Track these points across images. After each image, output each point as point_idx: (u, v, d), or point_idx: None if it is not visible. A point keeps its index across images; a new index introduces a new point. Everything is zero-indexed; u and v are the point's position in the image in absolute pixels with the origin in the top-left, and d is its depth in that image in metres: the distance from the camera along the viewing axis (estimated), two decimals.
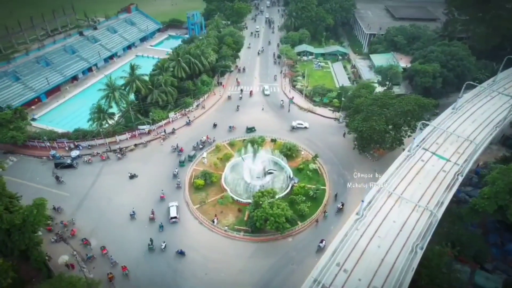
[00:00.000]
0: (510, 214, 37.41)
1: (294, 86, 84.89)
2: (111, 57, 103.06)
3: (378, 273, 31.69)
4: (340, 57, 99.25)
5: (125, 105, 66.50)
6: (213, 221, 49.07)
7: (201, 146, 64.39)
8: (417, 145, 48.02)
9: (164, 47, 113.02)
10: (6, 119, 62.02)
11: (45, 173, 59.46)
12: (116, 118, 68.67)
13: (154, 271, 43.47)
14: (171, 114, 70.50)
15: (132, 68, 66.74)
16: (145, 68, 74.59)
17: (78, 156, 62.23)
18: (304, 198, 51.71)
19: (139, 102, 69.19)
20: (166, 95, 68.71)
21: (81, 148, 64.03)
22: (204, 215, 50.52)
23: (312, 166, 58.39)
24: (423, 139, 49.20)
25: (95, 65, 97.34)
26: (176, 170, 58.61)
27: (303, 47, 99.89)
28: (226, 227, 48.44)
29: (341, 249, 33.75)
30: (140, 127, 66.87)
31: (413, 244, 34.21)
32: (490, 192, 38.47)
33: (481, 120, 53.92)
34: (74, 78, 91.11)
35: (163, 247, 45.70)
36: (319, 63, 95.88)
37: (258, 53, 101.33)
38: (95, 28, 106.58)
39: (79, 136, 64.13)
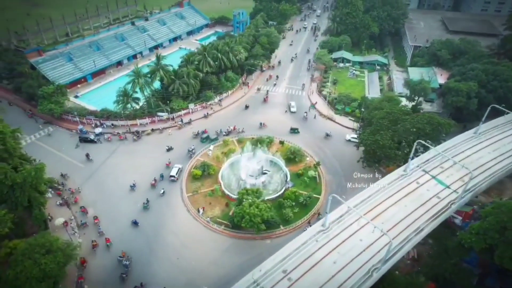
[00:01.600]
0: (498, 256, 33.15)
1: (320, 92, 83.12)
2: (156, 47, 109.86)
3: None
4: (378, 67, 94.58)
5: (148, 92, 70.96)
6: (198, 211, 50.65)
7: (224, 133, 67.47)
8: (417, 166, 44.61)
9: (208, 42, 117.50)
10: (48, 93, 70.03)
11: (70, 144, 66.11)
12: (140, 103, 73.48)
13: (133, 247, 46.29)
14: (191, 105, 73.60)
15: (158, 58, 71.06)
16: None
17: (101, 133, 68.08)
18: (293, 203, 50.92)
19: (163, 90, 73.27)
20: (188, 87, 71.90)
21: (105, 126, 69.95)
22: (193, 204, 52.36)
23: (311, 173, 57.08)
24: (427, 160, 45.43)
25: (140, 53, 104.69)
26: (193, 146, 63.29)
27: (341, 53, 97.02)
28: (209, 218, 49.70)
29: (293, 257, 32.97)
30: (159, 114, 70.93)
31: (372, 266, 32.17)
32: (479, 228, 34.47)
33: (504, 150, 48.08)
34: (119, 63, 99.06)
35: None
36: (354, 72, 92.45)
37: (292, 59, 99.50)
38: (147, 19, 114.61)
39: (104, 115, 70.02)
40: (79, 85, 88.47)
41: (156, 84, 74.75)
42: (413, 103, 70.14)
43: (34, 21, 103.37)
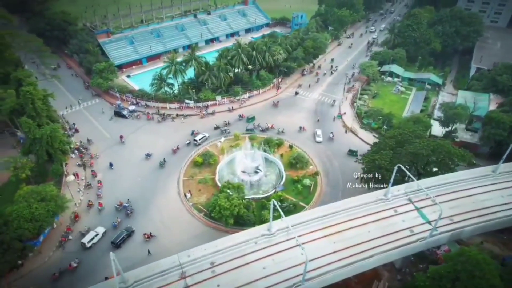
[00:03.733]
0: None
1: (353, 103, 79.36)
2: (212, 40, 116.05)
3: None
4: (428, 86, 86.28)
5: (181, 79, 76.06)
6: (185, 195, 53.35)
7: (261, 129, 69.02)
8: (405, 193, 40.77)
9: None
10: (99, 69, 79.80)
11: (107, 116, 74.50)
12: (175, 89, 79.07)
13: (119, 214, 51.04)
14: (218, 97, 76.79)
15: (193, 49, 75.57)
16: None
17: (134, 111, 75.31)
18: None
19: (194, 80, 77.77)
20: (217, 79, 75.07)
21: (139, 105, 77.13)
22: (185, 188, 55.32)
23: (306, 181, 55.57)
24: (418, 190, 41.08)
25: (196, 43, 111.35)
26: (227, 120, 70.86)
27: (390, 66, 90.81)
28: (191, 203, 52.05)
29: (226, 252, 33.39)
30: (186, 101, 75.56)
31: (294, 284, 30.89)
32: (435, 273, 30.48)
33: None
34: (174, 50, 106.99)
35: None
36: (399, 87, 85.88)
37: (332, 72, 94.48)
38: (209, 13, 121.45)
39: (140, 95, 77.18)
40: (134, 66, 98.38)
41: (191, 74, 79.54)
42: (447, 129, 62.94)
43: (116, 8, 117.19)
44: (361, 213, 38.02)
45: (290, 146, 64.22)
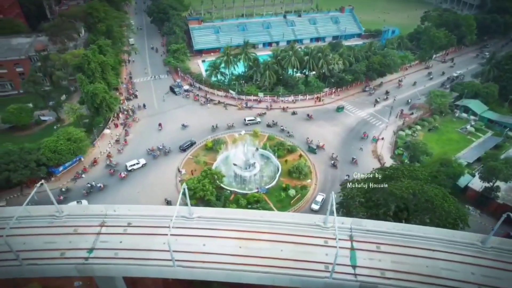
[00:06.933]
0: None
1: (398, 131, 71.32)
2: (295, 41, 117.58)
3: None
4: (511, 133, 70.41)
5: (233, 70, 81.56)
6: (179, 170, 58.68)
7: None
8: (349, 228, 36.89)
9: None
10: (173, 49, 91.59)
11: (165, 90, 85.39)
12: (226, 78, 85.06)
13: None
14: (260, 94, 79.41)
15: (246, 44, 79.38)
16: None
17: (187, 90, 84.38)
18: (248, 205, 51.28)
19: (244, 73, 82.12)
20: (262, 76, 77.67)
21: (193, 86, 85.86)
22: (184, 165, 60.74)
23: (291, 192, 54.21)
24: (367, 230, 36.48)
25: (276, 42, 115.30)
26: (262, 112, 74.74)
27: (468, 101, 77.19)
28: (180, 180, 57.02)
29: (144, 218, 36.91)
30: (231, 91, 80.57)
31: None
32: None
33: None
34: (253, 46, 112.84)
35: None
36: (468, 127, 72.67)
37: (392, 98, 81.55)
38: (299, 16, 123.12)
39: (196, 77, 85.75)
40: (212, 53, 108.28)
41: (243, 67, 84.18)
42: (487, 184, 51.54)
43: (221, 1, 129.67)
44: (285, 230, 36.22)
45: (300, 155, 62.83)
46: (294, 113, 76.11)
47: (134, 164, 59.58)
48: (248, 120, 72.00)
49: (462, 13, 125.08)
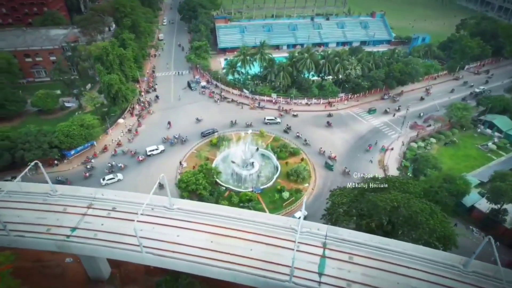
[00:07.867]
0: None
1: (410, 142, 68.45)
2: (320, 45, 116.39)
3: None
4: None
5: (247, 69, 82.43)
6: (180, 163, 60.52)
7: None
8: (325, 236, 36.41)
9: None
10: (195, 47, 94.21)
11: (183, 85, 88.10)
12: (242, 77, 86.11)
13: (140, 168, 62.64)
14: (273, 95, 79.61)
15: (262, 44, 79.83)
16: None
17: (204, 87, 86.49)
18: (240, 203, 51.89)
19: (259, 73, 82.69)
20: (276, 77, 77.85)
21: (210, 83, 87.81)
22: (187, 159, 62.52)
23: (285, 195, 54.04)
24: (343, 239, 35.81)
25: (301, 44, 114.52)
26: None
27: (493, 117, 72.23)
28: (180, 172, 58.78)
29: (127, 205, 38.82)
30: (244, 90, 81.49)
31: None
32: None
33: None
34: (277, 47, 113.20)
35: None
36: (491, 144, 68.05)
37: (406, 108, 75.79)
38: (327, 19, 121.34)
39: (213, 75, 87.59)
40: (235, 52, 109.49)
41: (258, 67, 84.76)
42: (494, 206, 48.16)
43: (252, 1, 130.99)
44: (259, 230, 36.47)
45: (302, 159, 62.34)
46: (295, 116, 75.48)
47: (153, 150, 63.09)
48: (268, 119, 72.60)
49: (510, 22, 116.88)
